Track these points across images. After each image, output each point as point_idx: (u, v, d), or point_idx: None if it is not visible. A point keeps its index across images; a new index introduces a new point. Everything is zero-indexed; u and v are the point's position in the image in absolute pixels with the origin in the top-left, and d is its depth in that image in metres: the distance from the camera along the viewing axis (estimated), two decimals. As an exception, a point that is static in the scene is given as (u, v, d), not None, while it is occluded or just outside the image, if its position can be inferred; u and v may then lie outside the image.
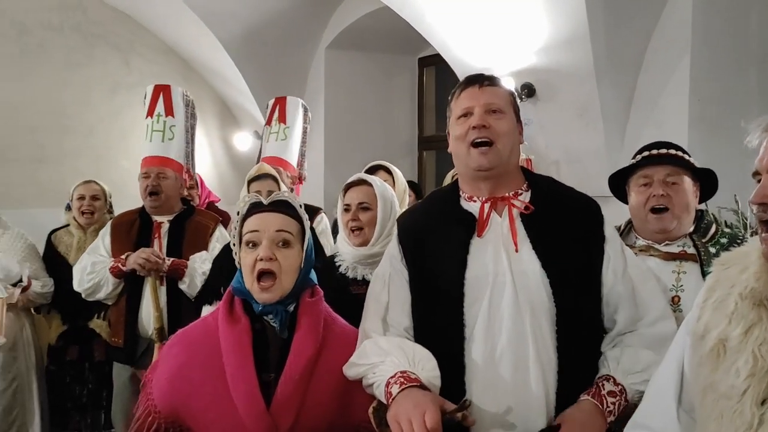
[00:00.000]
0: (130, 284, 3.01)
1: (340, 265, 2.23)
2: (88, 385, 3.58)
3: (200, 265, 2.96)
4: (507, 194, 1.65)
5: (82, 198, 3.64)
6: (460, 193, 1.71)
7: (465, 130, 1.62)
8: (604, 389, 1.52)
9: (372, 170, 3.01)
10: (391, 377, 1.46)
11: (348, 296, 2.10)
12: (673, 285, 1.97)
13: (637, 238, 2.08)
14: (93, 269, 3.00)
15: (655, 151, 2.03)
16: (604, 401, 1.50)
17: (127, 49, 5.76)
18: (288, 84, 5.40)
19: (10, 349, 3.31)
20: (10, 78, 5.26)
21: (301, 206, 1.66)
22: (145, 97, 3.35)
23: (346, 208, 2.22)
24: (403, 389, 1.43)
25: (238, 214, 1.64)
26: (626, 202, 2.12)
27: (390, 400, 1.43)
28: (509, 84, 3.31)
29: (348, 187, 2.25)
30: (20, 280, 3.24)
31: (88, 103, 5.60)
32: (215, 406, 1.51)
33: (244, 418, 1.47)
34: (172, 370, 1.57)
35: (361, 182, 2.23)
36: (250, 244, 1.58)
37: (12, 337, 3.30)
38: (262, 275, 1.55)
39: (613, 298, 1.61)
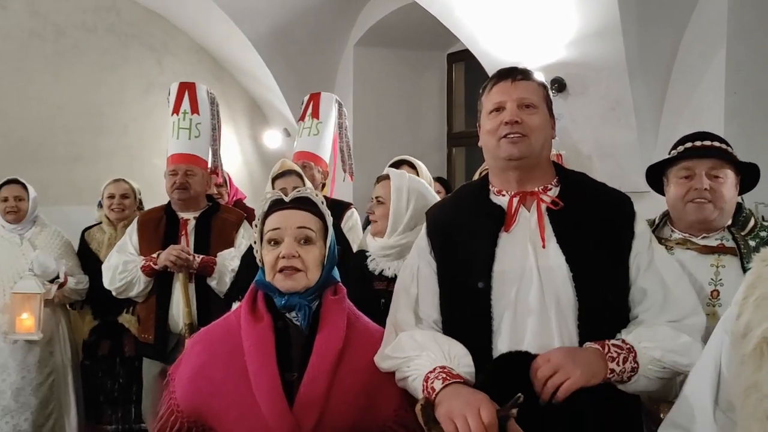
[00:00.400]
0: (160, 281, 3.04)
1: (368, 258, 2.30)
2: (119, 380, 3.65)
3: (229, 262, 2.98)
4: (536, 189, 1.62)
5: (111, 197, 3.71)
6: (490, 186, 1.69)
7: (496, 124, 1.60)
8: (609, 341, 1.50)
9: (396, 165, 3.00)
10: (430, 372, 1.45)
11: (371, 292, 2.13)
12: (712, 279, 1.91)
13: (673, 231, 2.01)
14: (125, 268, 3.03)
15: (698, 143, 1.95)
16: (607, 347, 1.47)
17: (160, 49, 5.84)
18: (317, 81, 5.40)
19: (46, 343, 3.40)
20: (46, 79, 5.38)
21: (323, 202, 1.64)
22: (169, 94, 3.37)
23: (371, 202, 2.32)
24: (447, 385, 1.42)
25: None
26: (663, 194, 2.06)
27: (433, 395, 1.42)
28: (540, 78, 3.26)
29: (376, 181, 2.35)
30: (57, 277, 3.32)
31: (122, 103, 5.70)
32: (238, 406, 1.49)
33: (267, 417, 1.45)
34: (194, 369, 1.56)
35: (385, 177, 2.32)
36: (272, 242, 1.56)
37: (48, 333, 3.38)
38: (284, 271, 1.53)
39: (636, 294, 1.59)
